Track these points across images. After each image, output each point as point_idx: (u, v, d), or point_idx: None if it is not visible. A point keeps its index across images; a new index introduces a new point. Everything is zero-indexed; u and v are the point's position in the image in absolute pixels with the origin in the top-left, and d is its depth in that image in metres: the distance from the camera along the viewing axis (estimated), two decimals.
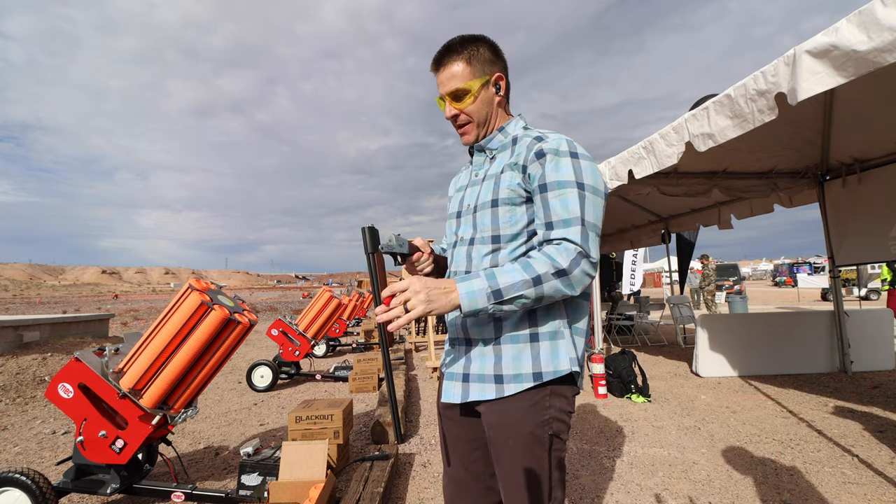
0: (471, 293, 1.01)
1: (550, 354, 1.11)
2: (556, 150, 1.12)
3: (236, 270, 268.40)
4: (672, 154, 3.77)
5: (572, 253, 1.02)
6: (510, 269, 1.03)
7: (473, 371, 1.16)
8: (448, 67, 1.21)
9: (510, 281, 1.01)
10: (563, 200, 1.08)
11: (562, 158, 1.11)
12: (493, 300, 1.01)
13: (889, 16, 1.97)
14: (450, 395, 1.20)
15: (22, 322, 7.13)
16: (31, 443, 4.07)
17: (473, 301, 1.01)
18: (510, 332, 1.14)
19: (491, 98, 1.24)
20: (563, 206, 1.08)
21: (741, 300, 12.03)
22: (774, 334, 5.87)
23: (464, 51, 1.21)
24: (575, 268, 1.02)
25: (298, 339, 6.42)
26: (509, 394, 1.10)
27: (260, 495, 2.58)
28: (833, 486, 2.74)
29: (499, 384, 1.12)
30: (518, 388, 1.10)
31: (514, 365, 1.11)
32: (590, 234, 1.06)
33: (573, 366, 1.12)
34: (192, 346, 2.44)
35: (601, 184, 1.13)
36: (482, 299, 1.01)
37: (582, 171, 1.10)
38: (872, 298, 18.42)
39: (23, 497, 2.38)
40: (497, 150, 1.27)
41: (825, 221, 5.79)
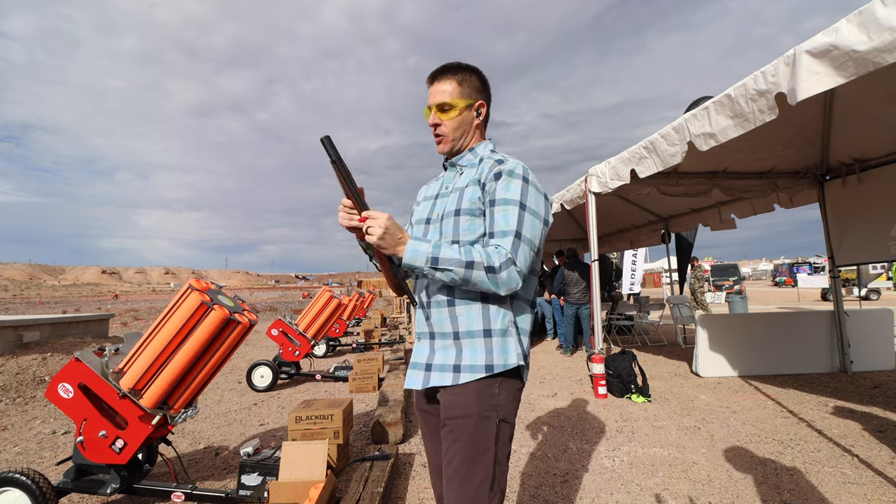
0: (415, 251, 1.22)
1: (502, 349, 1.28)
2: (511, 172, 1.32)
3: (236, 270, 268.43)
4: (676, 153, 3.77)
5: (503, 257, 1.21)
6: (454, 249, 1.22)
7: (436, 362, 1.33)
8: (441, 83, 1.41)
9: (448, 256, 1.21)
10: (505, 215, 1.27)
11: (513, 180, 1.31)
12: (429, 265, 1.21)
13: (889, 16, 1.97)
14: (412, 382, 1.37)
15: (22, 322, 7.13)
16: (31, 443, 4.07)
17: (414, 258, 1.21)
18: (467, 328, 1.30)
19: (471, 120, 1.44)
20: (504, 220, 1.27)
21: (741, 300, 12.03)
22: (774, 334, 5.87)
23: (458, 73, 1.41)
24: (503, 270, 1.21)
25: (298, 339, 6.42)
26: (464, 381, 1.26)
27: (260, 495, 2.58)
28: (833, 486, 2.74)
29: (456, 373, 1.28)
30: (472, 377, 1.26)
31: (471, 357, 1.28)
32: (522, 246, 1.25)
33: (520, 360, 1.30)
34: (192, 347, 2.45)
35: (542, 209, 1.33)
36: (421, 259, 1.21)
37: (528, 194, 1.30)
38: (872, 298, 18.43)
39: (23, 497, 2.38)
40: (465, 167, 1.44)
41: (825, 221, 5.79)
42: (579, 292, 7.74)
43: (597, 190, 5.30)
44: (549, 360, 7.41)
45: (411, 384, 1.37)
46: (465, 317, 1.30)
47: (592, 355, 5.12)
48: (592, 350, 5.30)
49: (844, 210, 5.53)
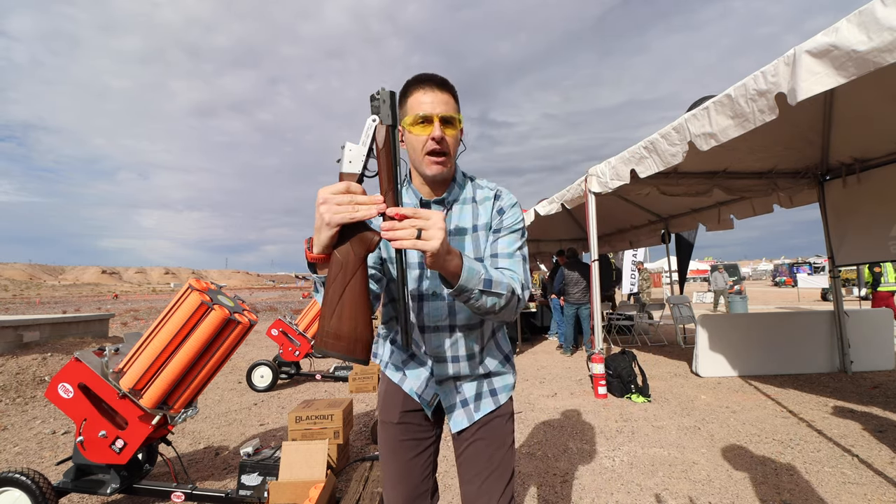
0: (471, 270, 1.05)
1: (511, 368, 1.43)
2: (512, 204, 1.33)
3: (236, 270, 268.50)
4: (677, 153, 3.78)
5: (521, 282, 1.21)
6: (500, 274, 1.15)
7: (469, 394, 1.36)
8: (444, 92, 1.21)
9: (501, 280, 1.13)
10: (510, 240, 1.28)
11: (515, 210, 1.34)
12: (481, 286, 1.07)
13: (889, 16, 1.97)
14: (460, 423, 1.35)
15: (22, 322, 7.13)
16: (31, 443, 4.07)
17: (470, 278, 1.05)
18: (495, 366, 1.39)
19: (459, 141, 1.27)
20: (509, 244, 1.28)
21: (741, 300, 12.04)
22: (774, 334, 5.87)
23: (453, 90, 1.24)
24: (524, 293, 1.22)
25: (298, 339, 6.41)
26: (504, 402, 1.39)
27: (260, 495, 2.58)
28: (833, 486, 2.74)
29: (494, 396, 1.37)
30: (507, 395, 1.40)
31: (501, 379, 1.40)
32: (526, 267, 1.29)
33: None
34: (192, 346, 2.45)
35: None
36: (476, 280, 1.06)
37: (523, 221, 1.35)
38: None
39: (23, 497, 2.38)
40: (454, 201, 1.32)
41: (825, 221, 5.79)
42: (579, 292, 7.74)
43: (597, 190, 5.30)
44: (549, 360, 7.40)
45: (460, 425, 1.34)
46: (491, 356, 1.38)
47: (592, 355, 5.12)
48: (592, 350, 5.30)
49: (844, 210, 5.53)
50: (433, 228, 0.92)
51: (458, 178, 1.34)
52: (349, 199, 0.90)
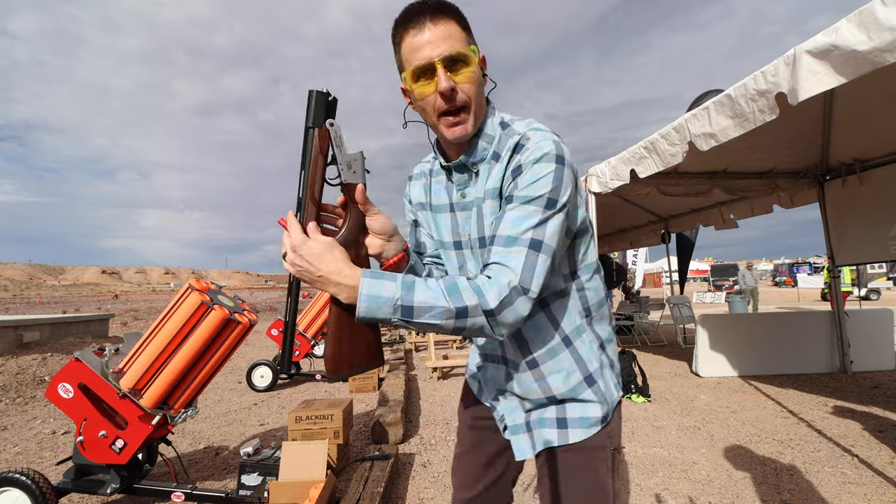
0: (375, 298, 0.82)
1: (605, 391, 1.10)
2: (537, 159, 0.90)
3: (236, 270, 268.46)
4: (677, 153, 3.77)
5: (504, 288, 0.83)
6: (433, 286, 0.84)
7: (534, 417, 1.09)
8: (443, 21, 0.90)
9: (427, 301, 0.82)
10: (520, 216, 0.88)
11: (542, 165, 0.89)
12: (399, 315, 0.82)
13: (889, 16, 1.97)
14: (524, 452, 1.08)
15: (22, 322, 7.13)
16: (31, 443, 4.07)
17: (374, 308, 0.82)
18: (567, 388, 1.04)
19: (482, 80, 0.97)
20: (515, 222, 0.88)
21: (741, 300, 12.03)
22: (774, 334, 5.87)
23: (455, 12, 0.93)
24: (504, 308, 0.83)
25: (298, 339, 6.42)
26: (578, 439, 1.06)
27: (260, 495, 2.58)
28: (833, 486, 2.74)
29: (562, 429, 1.06)
30: (583, 433, 1.06)
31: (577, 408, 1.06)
32: (540, 259, 0.87)
33: (619, 391, 1.13)
34: (192, 347, 2.44)
35: (571, 197, 0.93)
36: (386, 309, 0.82)
37: (561, 182, 0.89)
38: (872, 298, 18.43)
39: (23, 497, 2.38)
40: (481, 161, 1.01)
41: (825, 221, 5.79)
42: None
43: (597, 190, 5.30)
44: None
45: (521, 453, 1.07)
46: (556, 374, 1.03)
47: None
48: None
49: (844, 210, 5.52)
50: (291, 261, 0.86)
51: (487, 126, 1.00)
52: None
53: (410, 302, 0.82)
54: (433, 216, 1.13)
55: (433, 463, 3.33)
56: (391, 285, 0.83)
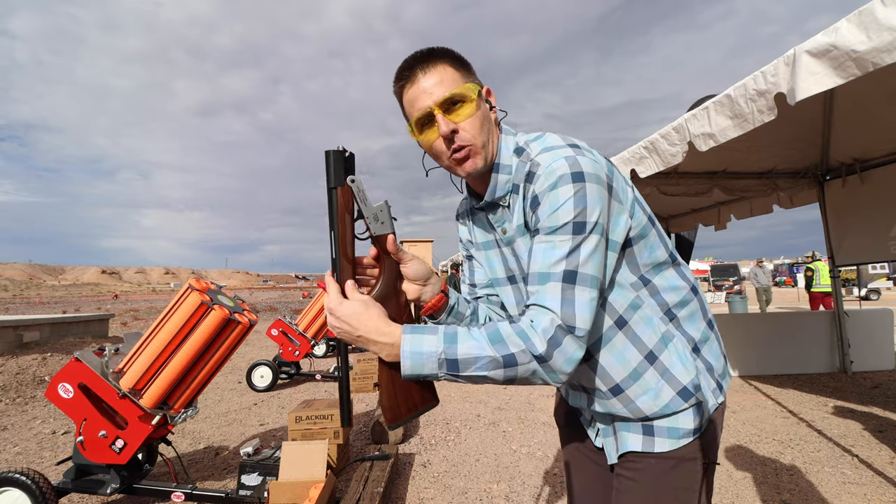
0: (419, 354, 0.80)
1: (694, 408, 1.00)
2: (553, 185, 0.84)
3: (236, 270, 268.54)
4: (677, 153, 3.77)
5: (549, 330, 0.78)
6: (476, 335, 0.80)
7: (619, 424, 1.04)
8: (433, 70, 0.91)
9: (472, 352, 0.79)
10: (547, 249, 0.83)
11: (559, 191, 0.83)
12: (445, 370, 0.80)
13: (889, 16, 1.96)
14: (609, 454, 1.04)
15: (22, 322, 7.14)
16: (31, 443, 4.07)
17: (418, 366, 0.81)
18: (652, 410, 0.96)
19: (487, 113, 0.95)
20: (545, 254, 0.83)
21: (741, 300, 12.02)
22: (774, 334, 5.87)
23: (446, 56, 0.94)
24: (554, 350, 0.77)
25: (298, 339, 6.42)
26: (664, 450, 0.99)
27: (260, 495, 2.58)
28: (833, 486, 2.74)
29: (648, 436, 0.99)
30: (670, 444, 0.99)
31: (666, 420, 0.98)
32: (578, 293, 0.80)
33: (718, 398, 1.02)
34: (192, 346, 2.45)
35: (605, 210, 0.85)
36: (431, 364, 0.80)
37: (586, 201, 0.82)
38: (872, 298, 18.43)
39: (23, 497, 2.38)
40: (508, 194, 0.98)
41: (825, 221, 5.79)
42: None
43: None
44: None
45: (613, 459, 1.02)
46: (643, 395, 0.94)
47: None
48: None
49: (844, 210, 5.52)
50: (332, 325, 0.86)
51: (502, 157, 0.96)
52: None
53: (454, 355, 0.79)
54: (484, 253, 1.11)
55: (433, 463, 3.33)
56: (432, 339, 0.81)
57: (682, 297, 0.99)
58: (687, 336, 0.97)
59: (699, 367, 0.96)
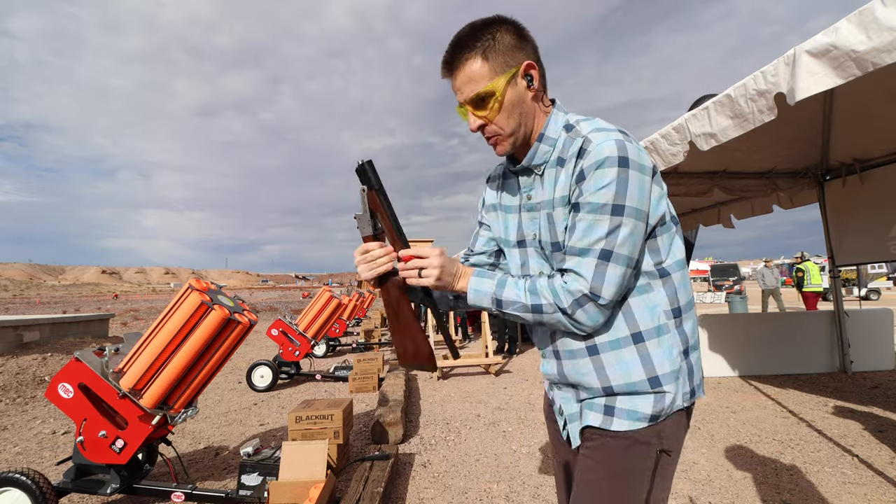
0: (479, 291, 1.03)
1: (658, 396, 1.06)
2: (600, 163, 0.92)
3: (236, 270, 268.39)
4: (678, 153, 3.77)
5: (576, 293, 0.93)
6: (520, 286, 1.00)
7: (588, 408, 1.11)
8: (462, 69, 1.00)
9: (512, 297, 1.00)
10: (589, 226, 0.94)
11: (605, 172, 0.92)
12: (495, 307, 1.02)
13: (889, 16, 1.96)
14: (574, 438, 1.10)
15: (22, 322, 7.14)
16: (31, 443, 4.07)
17: (479, 297, 1.03)
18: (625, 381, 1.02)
19: (522, 95, 1.01)
20: (585, 233, 0.95)
21: (741, 300, 12.01)
22: (774, 334, 5.87)
23: (478, 43, 0.98)
24: (577, 309, 0.94)
25: (298, 339, 6.42)
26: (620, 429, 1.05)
27: (260, 495, 2.58)
28: (833, 486, 2.74)
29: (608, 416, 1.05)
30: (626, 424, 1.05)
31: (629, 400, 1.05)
32: (611, 269, 0.93)
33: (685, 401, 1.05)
34: (193, 346, 2.44)
35: (645, 200, 0.95)
36: (486, 300, 1.02)
37: (627, 187, 0.92)
38: (872, 298, 18.43)
39: (23, 497, 2.38)
40: (544, 164, 1.06)
41: (825, 221, 5.79)
42: None
43: None
44: None
45: (577, 442, 1.08)
46: (615, 360, 1.00)
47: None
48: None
49: (844, 210, 5.52)
50: (429, 267, 1.01)
51: (549, 130, 1.05)
52: (369, 257, 1.05)
53: (500, 296, 1.01)
54: (504, 216, 1.20)
55: (433, 463, 3.33)
56: (490, 283, 1.02)
57: (689, 300, 1.06)
58: (683, 337, 1.03)
59: (682, 368, 1.02)
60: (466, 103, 1.02)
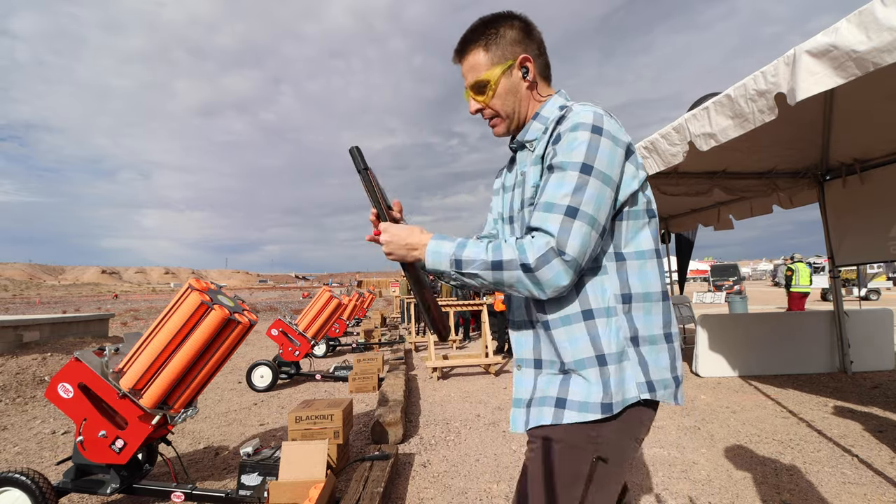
0: (437, 254, 1.02)
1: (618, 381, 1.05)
2: (575, 126, 0.98)
3: (236, 270, 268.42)
4: (677, 153, 3.77)
5: (542, 248, 0.92)
6: (481, 245, 0.99)
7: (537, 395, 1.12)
8: (467, 58, 1.14)
9: (472, 256, 0.98)
10: (558, 183, 0.96)
11: (577, 134, 0.97)
12: (454, 268, 1.00)
13: (889, 16, 1.97)
14: (515, 424, 1.12)
15: (22, 322, 7.13)
16: (31, 443, 4.07)
17: (437, 261, 1.03)
18: (573, 357, 1.03)
19: (516, 85, 1.13)
20: (554, 189, 0.96)
21: (741, 300, 12.02)
22: (774, 334, 5.86)
23: (482, 36, 1.12)
24: (542, 265, 0.92)
25: (298, 339, 6.42)
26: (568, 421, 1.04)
27: (260, 495, 2.58)
28: (833, 486, 2.74)
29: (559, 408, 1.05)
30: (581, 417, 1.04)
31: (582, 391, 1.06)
32: (577, 226, 0.93)
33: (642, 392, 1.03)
34: (192, 346, 2.44)
35: (616, 169, 0.97)
36: (445, 262, 1.01)
37: (598, 150, 0.96)
38: (872, 298, 18.43)
39: (23, 497, 2.38)
40: (536, 140, 1.13)
41: (825, 221, 5.79)
42: None
43: None
44: None
45: (514, 425, 1.11)
46: (566, 341, 1.02)
47: None
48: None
49: (844, 210, 5.52)
50: (386, 242, 1.07)
51: (544, 110, 1.14)
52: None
53: (460, 256, 0.99)
54: (502, 195, 1.28)
55: (433, 463, 3.33)
56: (450, 244, 1.02)
57: (647, 293, 1.04)
58: (631, 324, 1.02)
59: (628, 354, 1.00)
60: (469, 89, 1.16)
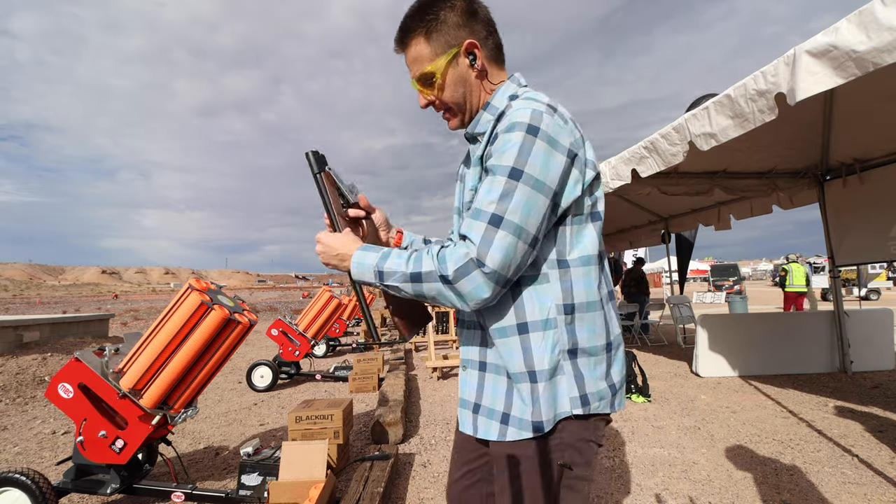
0: (361, 265, 1.00)
1: (550, 397, 1.00)
2: (510, 126, 0.90)
3: (236, 270, 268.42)
4: (677, 153, 3.77)
5: (461, 258, 0.87)
6: (403, 255, 0.95)
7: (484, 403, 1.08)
8: (409, 48, 1.03)
9: (392, 267, 0.95)
10: (487, 189, 0.90)
11: (511, 135, 0.89)
12: (378, 279, 0.97)
13: (889, 16, 1.97)
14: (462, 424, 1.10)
15: (22, 322, 7.13)
16: (31, 443, 4.07)
17: (361, 272, 1.00)
18: (513, 370, 0.99)
19: (464, 74, 1.02)
20: (482, 197, 0.90)
21: (741, 300, 12.02)
22: (774, 334, 5.87)
23: (422, 23, 1.00)
24: (461, 278, 0.87)
25: (298, 339, 6.41)
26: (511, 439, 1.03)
27: (260, 495, 2.58)
28: (833, 486, 2.74)
29: (503, 424, 1.02)
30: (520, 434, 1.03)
31: (520, 407, 1.02)
32: (500, 235, 0.86)
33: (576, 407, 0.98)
34: (192, 347, 2.44)
35: (552, 173, 0.89)
36: (369, 274, 0.98)
37: (530, 153, 0.87)
38: (872, 298, 18.43)
39: (23, 497, 2.38)
40: (486, 132, 1.03)
41: (825, 221, 5.79)
42: None
43: None
44: None
45: (464, 428, 1.08)
46: (504, 349, 0.98)
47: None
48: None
49: (844, 210, 5.53)
50: (319, 252, 1.06)
51: (495, 99, 1.05)
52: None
53: (382, 267, 0.96)
54: (458, 187, 1.21)
55: (433, 463, 3.33)
56: (374, 255, 0.98)
57: (591, 302, 0.98)
58: (571, 336, 0.96)
59: (566, 368, 0.95)
60: (415, 81, 1.06)
